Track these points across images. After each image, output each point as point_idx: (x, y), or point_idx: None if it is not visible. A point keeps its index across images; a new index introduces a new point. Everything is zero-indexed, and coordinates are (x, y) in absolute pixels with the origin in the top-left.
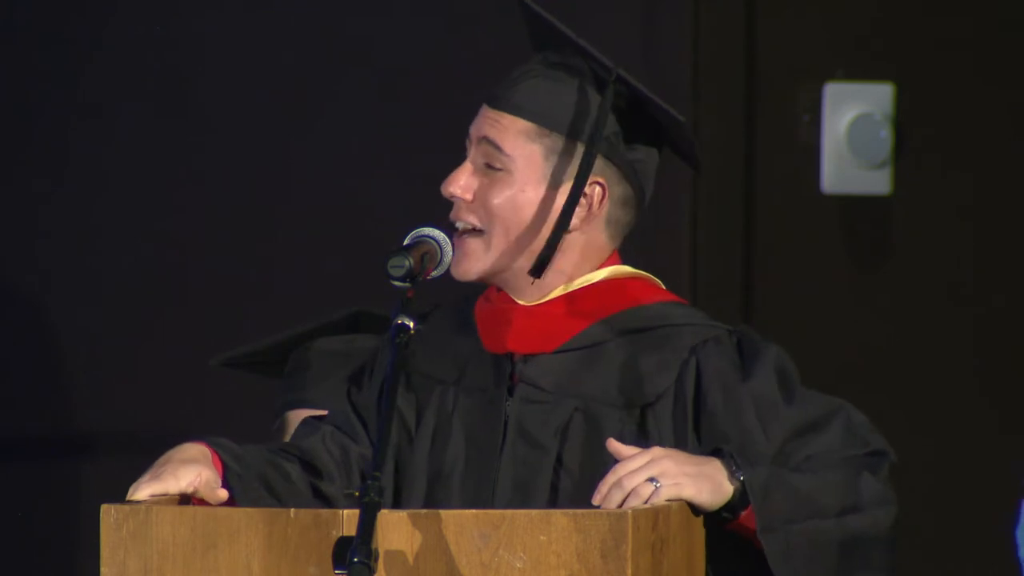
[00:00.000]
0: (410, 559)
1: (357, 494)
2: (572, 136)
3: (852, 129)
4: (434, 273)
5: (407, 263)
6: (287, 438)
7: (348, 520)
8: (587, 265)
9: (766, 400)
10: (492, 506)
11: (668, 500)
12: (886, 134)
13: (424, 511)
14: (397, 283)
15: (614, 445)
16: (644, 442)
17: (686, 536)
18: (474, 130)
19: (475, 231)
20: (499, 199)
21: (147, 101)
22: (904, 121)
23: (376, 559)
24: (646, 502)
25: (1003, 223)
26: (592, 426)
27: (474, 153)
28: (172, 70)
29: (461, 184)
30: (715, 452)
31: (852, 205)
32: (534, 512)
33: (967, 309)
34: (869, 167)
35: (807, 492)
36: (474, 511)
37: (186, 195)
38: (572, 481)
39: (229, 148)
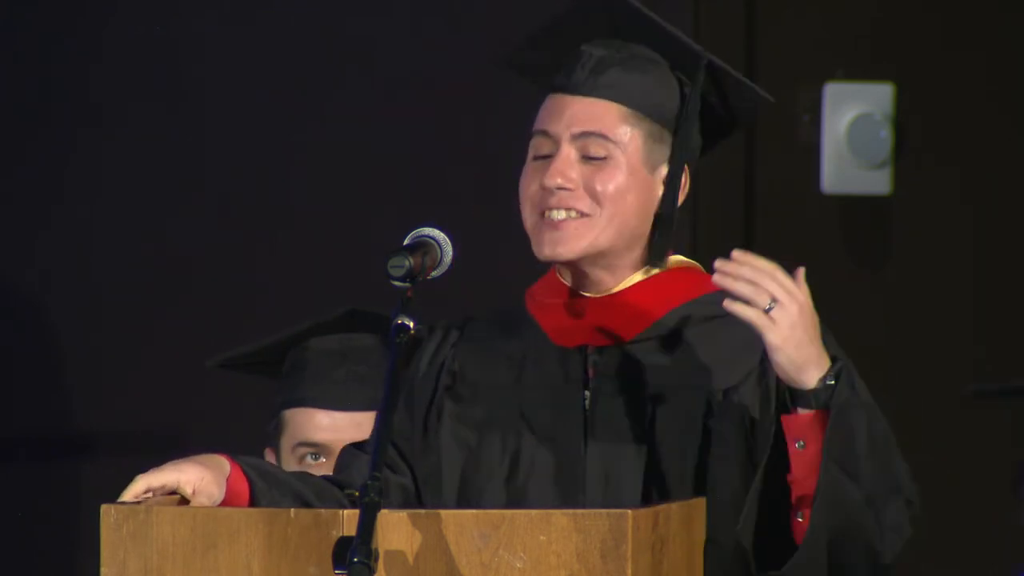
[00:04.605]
0: (410, 559)
1: (357, 494)
2: (663, 122)
3: (852, 129)
4: (434, 273)
5: (407, 263)
6: (285, 437)
7: (348, 520)
8: None
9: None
10: (584, 505)
11: (759, 329)
12: (886, 134)
13: (424, 511)
14: (397, 283)
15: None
16: (728, 425)
17: (686, 536)
18: (559, 125)
19: (581, 215)
20: (612, 185)
21: (147, 101)
22: (904, 121)
23: (376, 559)
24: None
25: (1003, 223)
26: (677, 413)
27: (567, 148)
28: (172, 70)
29: (566, 175)
30: (833, 359)
31: (852, 205)
32: (534, 512)
33: (967, 309)
34: (869, 167)
35: (865, 456)
36: (474, 511)
37: (185, 195)
38: (663, 470)
39: (229, 148)
